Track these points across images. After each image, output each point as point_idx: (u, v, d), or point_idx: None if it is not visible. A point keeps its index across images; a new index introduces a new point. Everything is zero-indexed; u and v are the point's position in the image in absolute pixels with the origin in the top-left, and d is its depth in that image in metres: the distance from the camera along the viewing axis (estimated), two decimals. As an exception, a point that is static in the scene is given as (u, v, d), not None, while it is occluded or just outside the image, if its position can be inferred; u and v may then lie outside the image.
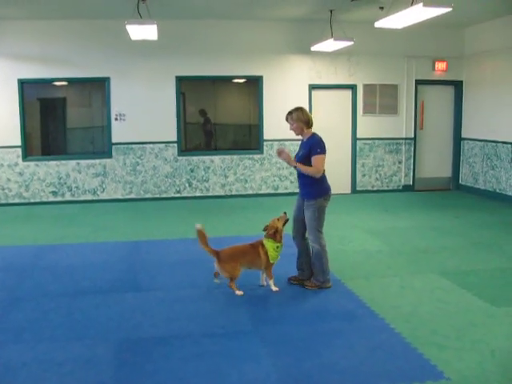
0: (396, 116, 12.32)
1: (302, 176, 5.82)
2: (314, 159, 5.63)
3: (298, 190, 6.14)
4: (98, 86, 11.79)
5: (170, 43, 11.13)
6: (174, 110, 11.46)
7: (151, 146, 11.48)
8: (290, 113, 5.79)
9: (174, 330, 4.79)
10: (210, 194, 11.72)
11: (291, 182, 11.78)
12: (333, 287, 5.92)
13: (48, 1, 9.52)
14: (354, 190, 12.36)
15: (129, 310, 5.33)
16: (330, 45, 10.50)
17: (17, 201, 11.34)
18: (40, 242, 8.12)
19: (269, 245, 5.70)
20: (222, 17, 11.05)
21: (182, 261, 6.96)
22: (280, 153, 5.77)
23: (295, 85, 11.80)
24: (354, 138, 12.22)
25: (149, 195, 11.58)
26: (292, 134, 6.01)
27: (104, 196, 11.48)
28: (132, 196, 11.54)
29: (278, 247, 5.73)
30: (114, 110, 11.33)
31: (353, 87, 12.09)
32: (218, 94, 13.79)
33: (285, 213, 5.88)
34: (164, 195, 11.58)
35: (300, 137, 5.98)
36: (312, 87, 11.88)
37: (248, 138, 13.34)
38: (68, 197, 11.42)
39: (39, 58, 11.11)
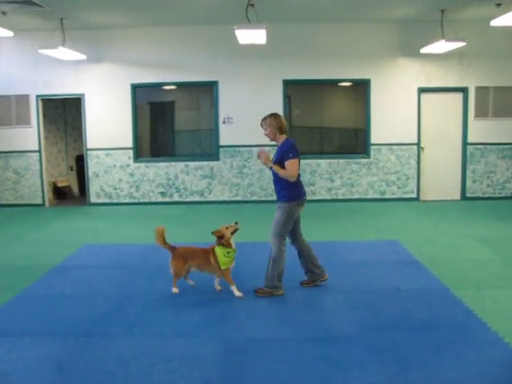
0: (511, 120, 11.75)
1: (277, 181, 5.88)
2: (287, 164, 5.67)
3: (407, 196, 6.03)
4: (206, 90, 12.07)
5: (277, 47, 11.21)
6: (281, 113, 11.47)
7: (258, 148, 11.57)
8: (264, 118, 5.86)
9: (278, 333, 4.80)
10: (315, 197, 11.68)
11: (398, 188, 11.53)
12: (442, 296, 5.72)
13: (159, 9, 9.87)
14: (463, 197, 11.91)
15: (233, 310, 5.41)
16: (440, 46, 10.18)
17: (128, 200, 11.84)
18: (149, 241, 8.36)
19: (219, 251, 5.75)
20: (329, 20, 11.00)
21: (288, 263, 6.79)
22: (260, 154, 5.82)
23: (404, 88, 11.55)
24: (465, 143, 11.77)
25: (255, 198, 11.72)
26: (401, 138, 5.91)
27: (211, 198, 11.73)
28: (238, 198, 11.71)
29: (228, 253, 5.77)
30: (222, 113, 11.56)
31: (464, 90, 11.66)
32: (324, 98, 13.71)
33: (236, 222, 5.94)
34: (270, 198, 11.66)
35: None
36: (421, 90, 11.57)
37: (354, 142, 13.18)
38: (176, 197, 11.78)
39: (150, 64, 11.56)
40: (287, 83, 11.57)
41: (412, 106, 11.55)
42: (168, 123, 13.62)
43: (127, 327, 5.02)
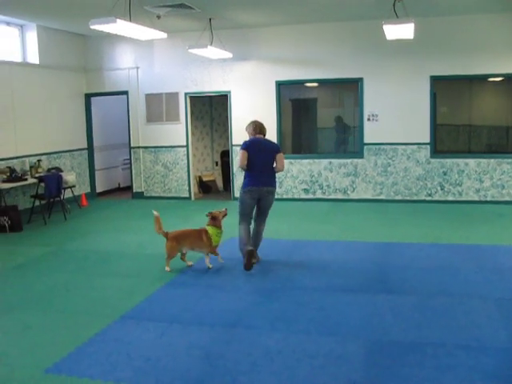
0: None
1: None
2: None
3: None
4: (349, 87, 11.93)
5: (424, 42, 10.80)
6: (427, 110, 11.12)
7: (403, 147, 11.29)
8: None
9: (427, 338, 4.62)
10: (462, 198, 11.15)
11: (555, 190, 10.75)
12: None
13: (304, 6, 9.87)
14: None
15: (379, 311, 5.28)
16: None
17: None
18: (293, 237, 8.45)
19: (212, 231, 6.76)
20: (479, 11, 10.39)
21: (434, 266, 6.72)
22: None
23: None
24: None
25: (399, 197, 11.41)
26: None
27: (354, 196, 11.58)
28: (382, 197, 11.47)
29: (219, 233, 6.82)
30: (367, 110, 11.37)
31: None
32: (473, 94, 13.10)
33: (225, 209, 7.06)
34: (414, 198, 11.31)
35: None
36: None
37: (505, 141, 12.49)
38: (319, 195, 11.76)
39: (294, 61, 11.62)
40: (434, 79, 11.13)
41: None
42: (310, 120, 13.67)
43: (272, 321, 5.07)
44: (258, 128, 7.02)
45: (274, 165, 6.92)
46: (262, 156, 6.86)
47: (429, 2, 9.53)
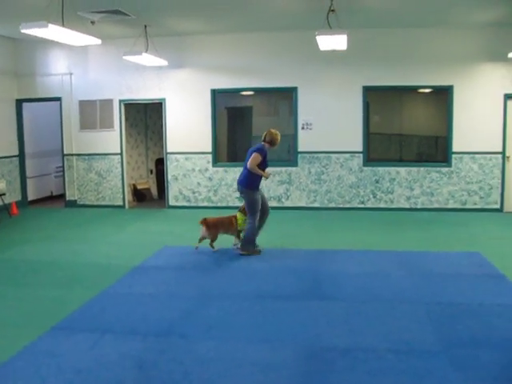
0: None
1: None
2: None
3: (490, 207, 5.87)
4: (284, 96, 12.06)
5: (357, 52, 11.05)
6: (360, 120, 11.39)
7: (337, 155, 11.50)
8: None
9: (358, 343, 4.70)
10: (394, 206, 11.45)
11: (481, 198, 11.14)
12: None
13: (239, 15, 9.96)
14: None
15: (312, 318, 5.33)
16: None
17: (206, 204, 11.97)
18: (226, 245, 8.39)
19: (240, 217, 8.07)
20: (411, 25, 10.73)
21: (366, 272, 6.86)
22: None
23: (488, 95, 11.09)
24: (554, 153, 11.25)
25: (332, 205, 11.60)
26: (485, 147, 5.70)
27: (288, 203, 11.70)
28: (316, 205, 11.63)
29: (245, 220, 7.97)
30: (301, 119, 11.53)
31: (557, 97, 11.12)
32: (403, 104, 13.45)
33: None
34: (348, 205, 11.53)
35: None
36: (508, 97, 11.13)
37: (434, 150, 12.86)
38: (254, 203, 11.80)
39: (230, 69, 11.69)
40: (367, 89, 11.40)
41: (497, 114, 11.11)
42: (246, 128, 13.70)
43: (206, 329, 5.05)
44: (263, 136, 8.09)
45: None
46: (246, 159, 7.91)
47: (362, 14, 9.76)
